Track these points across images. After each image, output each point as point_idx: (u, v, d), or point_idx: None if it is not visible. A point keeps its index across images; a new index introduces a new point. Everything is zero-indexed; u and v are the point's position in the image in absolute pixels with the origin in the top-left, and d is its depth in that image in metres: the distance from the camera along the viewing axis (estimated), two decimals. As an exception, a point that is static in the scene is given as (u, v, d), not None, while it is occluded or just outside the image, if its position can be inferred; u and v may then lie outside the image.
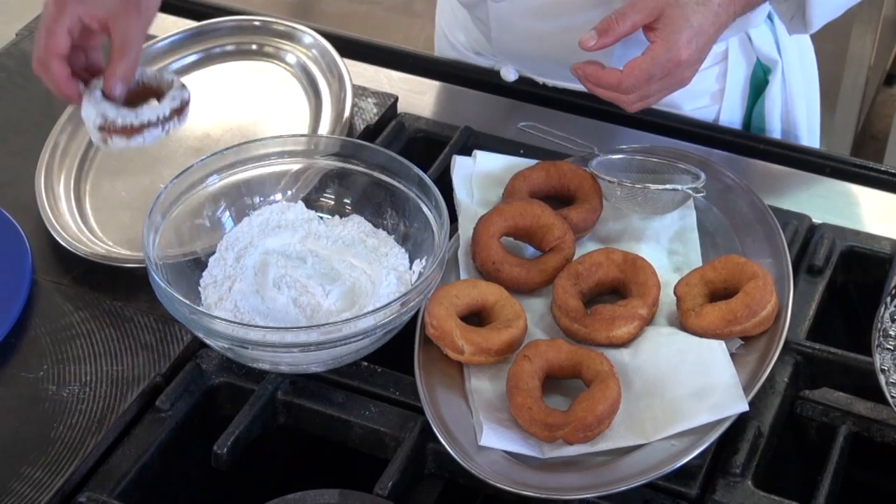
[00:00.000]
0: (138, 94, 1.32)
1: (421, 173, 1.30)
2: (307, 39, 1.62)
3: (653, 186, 1.33)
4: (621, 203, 1.35)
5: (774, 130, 1.63)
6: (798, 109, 1.63)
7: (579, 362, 1.20)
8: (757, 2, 1.37)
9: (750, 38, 1.59)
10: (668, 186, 1.33)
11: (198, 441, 1.21)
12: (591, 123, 1.57)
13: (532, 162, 1.41)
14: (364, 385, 1.24)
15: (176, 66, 1.62)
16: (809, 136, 1.67)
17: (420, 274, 1.28)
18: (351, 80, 1.55)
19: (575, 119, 1.58)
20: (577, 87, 1.58)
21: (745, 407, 1.16)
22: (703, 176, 1.35)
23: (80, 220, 1.43)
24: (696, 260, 1.33)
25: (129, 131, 1.28)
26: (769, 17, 1.57)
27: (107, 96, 1.30)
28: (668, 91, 1.33)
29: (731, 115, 1.61)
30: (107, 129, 1.30)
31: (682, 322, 1.25)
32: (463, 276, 1.32)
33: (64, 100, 1.31)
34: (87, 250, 1.38)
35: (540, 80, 1.61)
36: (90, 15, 1.28)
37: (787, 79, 1.60)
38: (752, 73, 1.60)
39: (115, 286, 1.36)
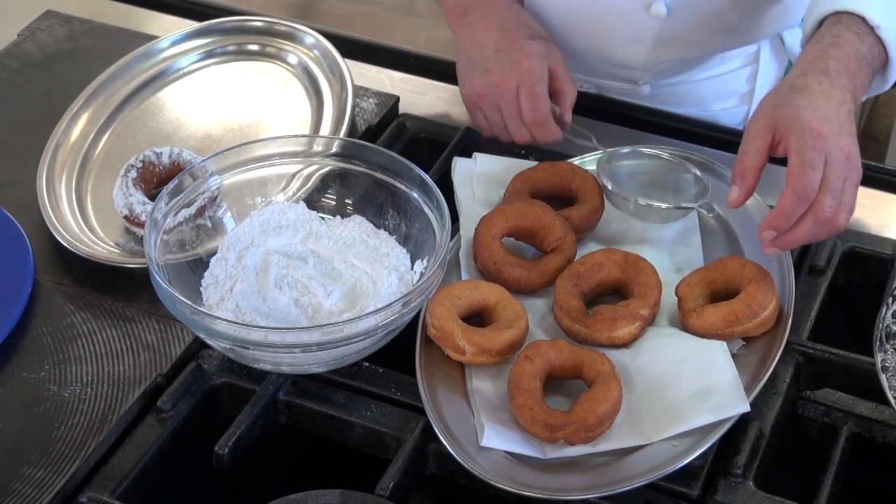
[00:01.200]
0: (172, 174, 1.37)
1: (422, 174, 1.30)
2: (309, 40, 1.62)
3: (663, 205, 1.32)
4: (629, 214, 1.35)
5: None
6: None
7: (580, 363, 1.20)
8: (871, 70, 1.29)
9: (782, 40, 1.58)
10: (682, 205, 1.33)
11: (199, 441, 1.21)
12: (591, 123, 1.56)
13: (533, 163, 1.41)
14: (365, 385, 1.24)
15: (177, 66, 1.62)
16: None
17: (421, 274, 1.28)
18: (352, 80, 1.55)
19: (576, 119, 1.57)
20: (610, 82, 1.58)
21: (746, 407, 1.16)
22: (709, 187, 1.34)
23: (82, 221, 1.43)
24: (697, 260, 1.33)
25: None
26: None
27: (140, 188, 1.40)
28: (849, 177, 1.22)
29: None
30: (131, 220, 1.39)
31: (683, 323, 1.25)
32: (464, 276, 1.32)
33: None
34: (89, 251, 1.38)
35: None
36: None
37: None
38: (784, 74, 1.59)
39: (117, 286, 1.36)
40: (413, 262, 1.31)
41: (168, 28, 1.70)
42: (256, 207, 1.35)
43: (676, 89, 1.61)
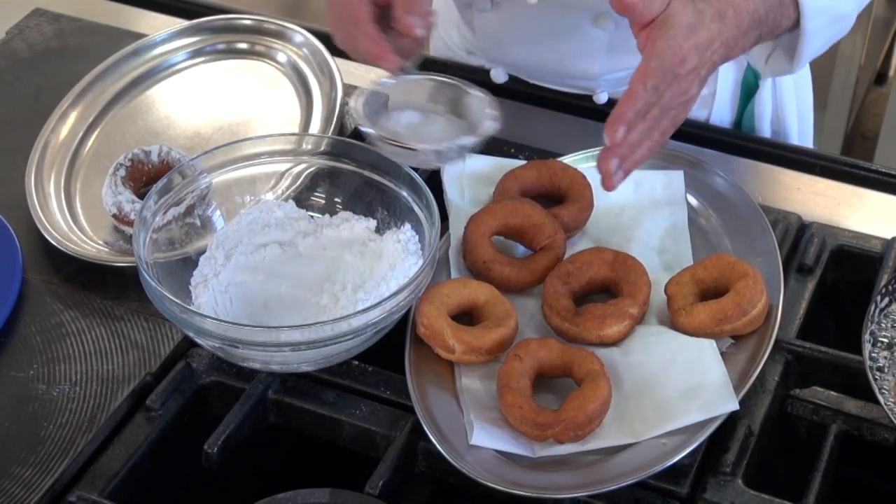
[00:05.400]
0: (161, 172, 1.36)
1: (412, 172, 1.30)
2: (298, 38, 1.62)
3: (420, 146, 1.23)
4: (391, 157, 1.27)
5: (764, 135, 1.62)
6: (789, 115, 1.63)
7: (570, 361, 1.20)
8: (758, 35, 1.25)
9: None
10: (435, 146, 1.23)
11: (188, 440, 1.21)
12: (584, 123, 1.57)
13: (523, 161, 1.41)
14: (355, 384, 1.24)
15: (167, 64, 1.62)
16: (801, 142, 1.67)
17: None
18: (342, 78, 1.55)
19: (568, 118, 1.58)
20: (565, 88, 1.59)
21: (735, 406, 1.16)
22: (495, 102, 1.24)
23: (71, 219, 1.43)
24: (686, 258, 1.33)
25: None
26: None
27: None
28: (674, 110, 1.19)
29: (720, 119, 1.61)
30: (120, 219, 1.38)
31: (672, 321, 1.25)
32: (454, 275, 1.32)
33: (376, 64, 1.27)
34: (78, 249, 1.37)
35: (531, 82, 1.61)
36: None
37: (778, 84, 1.60)
38: (743, 77, 1.59)
39: (106, 285, 1.35)
40: (402, 261, 1.30)
41: (157, 26, 1.69)
42: (245, 206, 1.35)
43: None
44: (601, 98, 1.58)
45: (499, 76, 1.61)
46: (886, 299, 1.25)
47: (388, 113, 1.26)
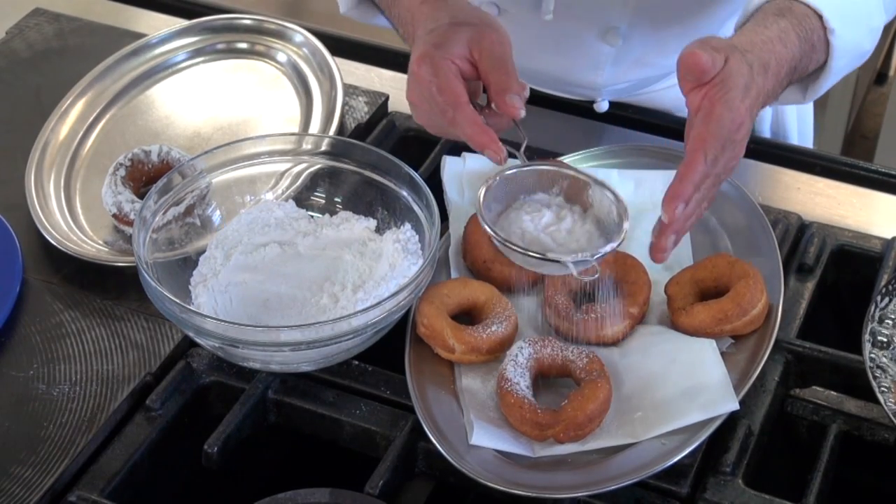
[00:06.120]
0: (161, 172, 1.36)
1: (412, 172, 1.30)
2: (298, 38, 1.62)
3: (534, 255, 1.20)
4: (522, 263, 1.24)
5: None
6: (789, 120, 1.63)
7: (570, 361, 1.20)
8: (790, 81, 1.25)
9: None
10: (553, 257, 1.20)
11: (188, 440, 1.21)
12: (584, 123, 1.57)
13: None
14: (355, 384, 1.24)
15: (167, 64, 1.62)
16: (801, 144, 1.67)
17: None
18: (342, 78, 1.55)
19: (568, 118, 1.58)
20: (568, 96, 1.59)
21: (735, 406, 1.16)
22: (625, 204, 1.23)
23: (71, 219, 1.43)
24: (686, 258, 1.33)
25: None
26: None
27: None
28: (728, 164, 1.17)
29: None
30: (120, 218, 1.38)
31: (672, 321, 1.25)
32: (454, 274, 1.32)
33: (480, 151, 1.21)
34: (78, 249, 1.37)
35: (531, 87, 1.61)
36: (450, 56, 1.21)
37: None
38: None
39: (106, 285, 1.35)
40: (402, 261, 1.30)
41: (157, 26, 1.69)
42: (245, 206, 1.35)
43: (636, 99, 1.60)
44: (602, 106, 1.58)
45: None
46: (886, 299, 1.25)
47: (510, 210, 1.22)
